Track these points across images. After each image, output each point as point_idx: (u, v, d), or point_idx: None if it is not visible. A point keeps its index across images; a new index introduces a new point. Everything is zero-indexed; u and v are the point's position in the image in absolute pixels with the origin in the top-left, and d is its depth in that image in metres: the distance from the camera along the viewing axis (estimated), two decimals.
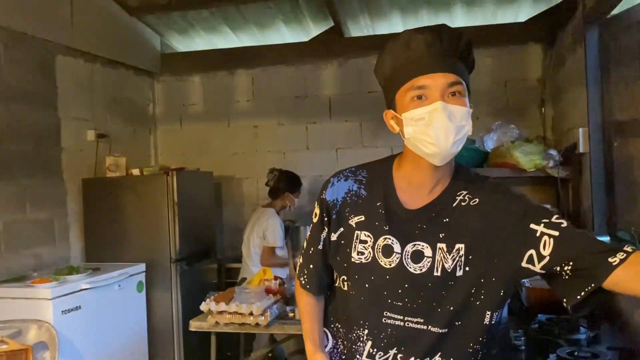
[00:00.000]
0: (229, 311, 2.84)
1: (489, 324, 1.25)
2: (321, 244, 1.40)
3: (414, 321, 1.25)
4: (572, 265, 1.11)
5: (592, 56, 2.85)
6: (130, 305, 3.59)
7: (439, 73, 1.17)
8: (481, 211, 1.24)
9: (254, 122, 4.87)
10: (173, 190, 3.78)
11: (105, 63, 4.35)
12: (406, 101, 1.20)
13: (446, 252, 1.23)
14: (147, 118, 4.98)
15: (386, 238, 1.27)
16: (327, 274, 1.44)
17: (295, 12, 4.57)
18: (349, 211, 1.34)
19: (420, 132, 1.18)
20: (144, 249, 3.79)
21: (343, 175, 1.40)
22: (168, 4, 4.47)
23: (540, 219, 1.17)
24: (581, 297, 1.09)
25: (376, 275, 1.28)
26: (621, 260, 1.05)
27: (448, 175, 1.29)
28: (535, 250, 1.16)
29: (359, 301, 1.31)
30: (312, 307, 1.50)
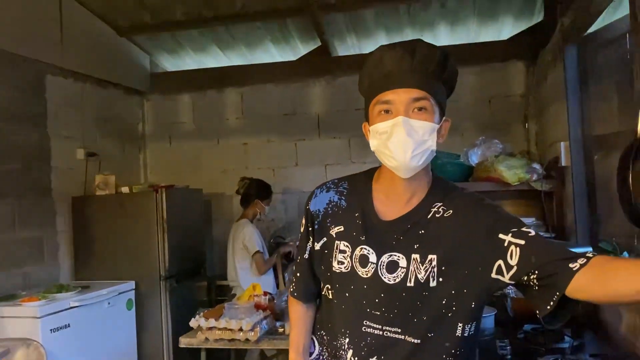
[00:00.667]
0: (219, 327, 2.85)
1: (461, 336, 1.25)
2: (307, 253, 1.45)
3: (392, 330, 1.27)
4: (537, 273, 1.11)
5: (572, 72, 2.93)
6: (119, 323, 3.58)
7: (404, 88, 1.21)
8: (454, 222, 1.26)
9: (243, 140, 4.91)
10: (162, 207, 3.80)
11: (95, 82, 4.39)
12: (374, 115, 1.25)
13: (419, 263, 1.25)
14: (136, 136, 5.01)
15: (362, 248, 1.30)
16: (314, 282, 1.47)
17: (283, 32, 4.66)
18: (330, 221, 1.38)
19: (382, 145, 1.23)
20: (134, 266, 3.80)
21: (325, 187, 1.44)
22: (157, 24, 4.54)
23: (509, 229, 1.19)
24: (551, 308, 1.09)
25: (355, 284, 1.31)
26: (581, 265, 1.05)
27: (424, 187, 1.32)
28: (503, 260, 1.17)
29: (340, 310, 1.34)
30: (300, 315, 1.53)
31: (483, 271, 1.21)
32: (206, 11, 4.37)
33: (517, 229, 1.18)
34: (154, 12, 4.40)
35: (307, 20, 4.39)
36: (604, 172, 2.76)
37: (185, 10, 4.38)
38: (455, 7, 4.26)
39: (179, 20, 4.49)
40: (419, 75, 1.22)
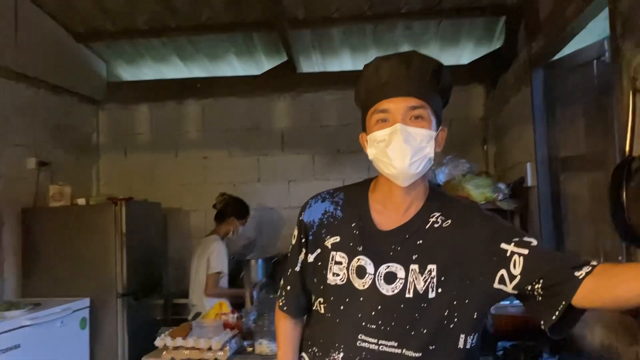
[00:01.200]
0: (186, 346, 2.71)
1: (463, 347, 1.23)
2: (298, 266, 1.41)
3: (387, 345, 1.23)
4: (542, 282, 1.11)
5: (538, 96, 3.05)
6: (72, 344, 3.36)
7: (401, 97, 1.22)
8: (453, 232, 1.26)
9: (203, 153, 4.79)
10: (121, 220, 3.63)
11: (49, 89, 4.17)
12: (372, 124, 1.26)
13: (418, 274, 1.23)
14: (90, 147, 4.79)
15: (360, 259, 1.28)
16: (305, 296, 1.43)
17: (248, 45, 4.62)
18: (325, 232, 1.35)
19: (380, 153, 1.23)
20: (88, 282, 3.59)
21: (320, 197, 1.42)
22: (117, 31, 4.40)
23: (511, 238, 1.19)
24: (556, 317, 1.09)
25: (350, 297, 1.28)
26: (587, 273, 1.06)
27: (421, 197, 1.31)
28: (506, 270, 1.17)
29: (334, 323, 1.30)
30: (288, 333, 1.49)
31: (485, 281, 1.21)
32: (170, 21, 4.28)
33: (519, 239, 1.19)
34: (115, 19, 4.25)
35: (274, 34, 4.37)
36: (569, 193, 2.87)
37: (148, 18, 4.26)
38: (419, 31, 4.37)
39: (141, 28, 4.36)
40: (415, 84, 1.23)
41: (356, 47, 4.61)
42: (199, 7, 4.12)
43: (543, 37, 2.94)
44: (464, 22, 4.24)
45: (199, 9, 4.14)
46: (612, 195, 1.60)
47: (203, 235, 4.72)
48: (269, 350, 2.73)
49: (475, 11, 4.03)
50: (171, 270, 4.69)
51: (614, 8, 1.95)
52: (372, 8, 4.08)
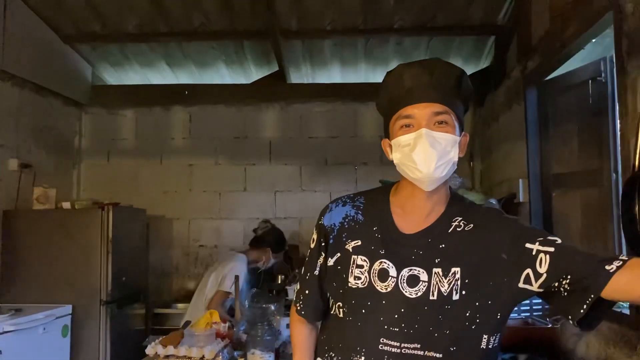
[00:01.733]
0: (178, 355, 2.65)
1: (485, 348, 1.23)
2: (317, 270, 1.40)
3: (410, 347, 1.22)
4: (570, 278, 1.11)
5: (532, 113, 3.12)
6: (54, 351, 3.23)
7: (425, 103, 1.23)
8: (476, 236, 1.26)
9: (189, 161, 4.73)
10: (108, 226, 3.53)
11: (34, 89, 4.07)
12: (396, 129, 1.27)
13: (442, 276, 1.24)
14: (72, 150, 4.68)
15: (382, 262, 1.27)
16: (323, 300, 1.42)
17: (238, 54, 4.61)
18: (346, 236, 1.35)
19: (405, 157, 1.23)
20: (71, 289, 3.47)
21: (341, 201, 1.41)
22: (106, 34, 4.34)
23: (535, 238, 1.20)
24: (584, 310, 1.09)
25: (372, 300, 1.27)
26: (618, 267, 1.06)
27: (443, 202, 1.32)
28: (531, 269, 1.17)
29: (355, 327, 1.29)
30: (304, 338, 1.48)
31: (510, 282, 1.21)
32: (161, 25, 4.24)
33: (543, 238, 1.19)
34: (105, 22, 4.20)
35: (265, 44, 4.38)
36: (562, 209, 2.93)
37: (139, 22, 4.22)
38: (410, 47, 4.44)
39: (131, 32, 4.31)
40: (438, 91, 1.24)
41: (346, 60, 4.65)
42: (192, 13, 4.10)
43: (538, 57, 3.02)
44: (454, 40, 4.33)
45: (191, 15, 4.13)
46: (624, 207, 1.64)
47: (186, 244, 4.67)
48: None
49: (466, 30, 4.13)
50: (152, 279, 4.58)
51: (620, 27, 2.01)
52: (365, 22, 4.13)
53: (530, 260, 1.18)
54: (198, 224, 4.69)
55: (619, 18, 2.03)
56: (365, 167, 4.60)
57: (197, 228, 4.69)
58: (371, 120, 4.65)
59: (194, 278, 4.67)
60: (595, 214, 2.63)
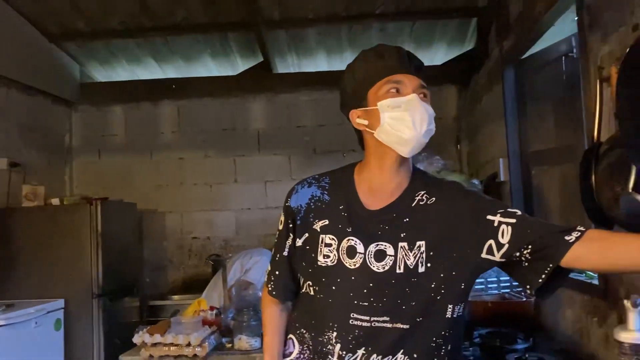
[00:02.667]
0: (165, 343, 2.69)
1: (450, 317, 1.28)
2: (286, 251, 1.43)
3: (380, 320, 1.26)
4: (530, 248, 1.16)
5: (510, 93, 3.13)
6: (46, 345, 3.29)
7: (413, 75, 1.28)
8: (438, 209, 1.30)
9: (179, 154, 4.77)
10: (97, 220, 3.58)
11: (21, 89, 4.11)
12: (382, 93, 1.28)
13: (408, 250, 1.27)
14: (63, 148, 4.73)
15: (349, 239, 1.30)
16: (293, 280, 1.45)
17: (224, 46, 4.62)
18: (313, 216, 1.37)
19: (397, 117, 1.25)
20: (63, 283, 3.52)
21: (307, 182, 1.44)
22: (91, 32, 4.36)
23: (496, 210, 1.25)
24: (543, 280, 1.16)
25: (342, 277, 1.30)
26: (577, 237, 1.13)
27: (407, 178, 1.35)
28: (494, 240, 1.22)
29: (326, 304, 1.32)
30: (276, 318, 1.50)
31: (472, 252, 1.25)
32: (145, 21, 4.26)
33: (504, 210, 1.24)
34: (89, 20, 4.22)
35: (250, 35, 4.39)
36: (541, 186, 2.95)
37: (123, 19, 4.24)
38: (393, 32, 4.44)
39: (115, 29, 4.33)
40: (420, 70, 1.31)
41: (332, 49, 4.66)
42: (175, 7, 4.12)
43: (514, 36, 3.03)
44: (437, 24, 4.32)
45: (174, 9, 4.14)
46: (582, 179, 1.66)
47: (179, 236, 4.72)
48: (248, 345, 2.73)
49: (448, 13, 4.13)
50: (146, 271, 4.64)
51: (581, 2, 2.03)
52: (347, 9, 4.14)
53: (492, 232, 1.23)
54: (190, 216, 4.74)
55: None
56: (353, 154, 4.60)
57: (190, 220, 4.74)
58: None
59: (188, 270, 4.73)
60: (573, 189, 2.64)
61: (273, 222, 4.53)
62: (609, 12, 1.83)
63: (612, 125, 1.72)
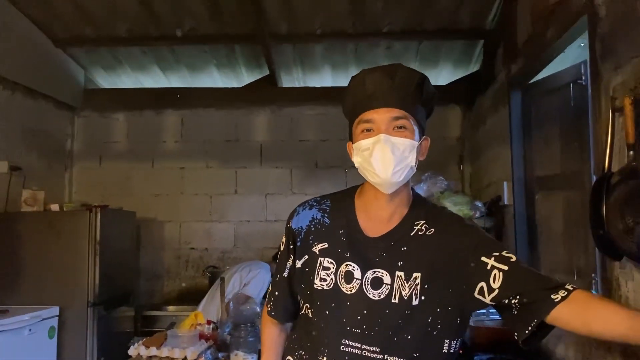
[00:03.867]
0: (161, 356, 2.66)
1: (447, 352, 1.27)
2: (286, 272, 1.43)
3: (370, 350, 1.25)
4: (519, 298, 1.17)
5: (516, 116, 3.13)
6: (39, 353, 3.24)
7: (385, 108, 1.26)
8: (437, 242, 1.30)
9: (180, 164, 4.75)
10: (95, 228, 3.55)
11: (25, 92, 4.09)
12: (357, 133, 1.30)
13: (404, 280, 1.27)
14: (63, 153, 4.70)
15: (348, 264, 1.30)
16: (293, 301, 1.45)
17: (229, 58, 4.63)
18: (313, 239, 1.37)
19: (365, 161, 1.27)
20: (58, 291, 3.48)
21: (308, 205, 1.44)
22: (98, 38, 4.36)
23: (492, 252, 1.24)
24: (529, 332, 1.16)
25: (337, 301, 1.30)
26: (562, 297, 1.13)
27: (405, 204, 1.35)
28: (485, 282, 1.22)
29: (319, 327, 1.32)
30: (273, 339, 1.51)
31: (466, 290, 1.25)
32: (153, 30, 4.26)
33: (499, 254, 1.24)
34: (96, 26, 4.22)
35: (256, 48, 4.40)
36: (545, 211, 2.94)
37: (130, 26, 4.24)
38: (400, 51, 4.46)
39: (122, 36, 4.33)
40: (399, 96, 1.27)
41: (337, 64, 4.67)
42: (182, 17, 4.13)
43: (521, 60, 3.04)
44: (443, 44, 4.34)
45: (181, 19, 4.15)
46: (593, 208, 1.65)
47: (177, 246, 4.69)
48: None
49: (455, 34, 4.14)
50: (142, 281, 4.60)
51: (594, 31, 2.03)
52: (354, 26, 4.15)
53: (484, 274, 1.23)
54: (189, 226, 4.71)
55: (593, 21, 2.05)
56: (355, 170, 4.51)
57: (189, 231, 4.71)
58: None
59: (184, 280, 4.69)
60: (577, 216, 2.64)
61: (272, 235, 4.52)
62: (623, 42, 1.83)
63: (623, 155, 1.71)
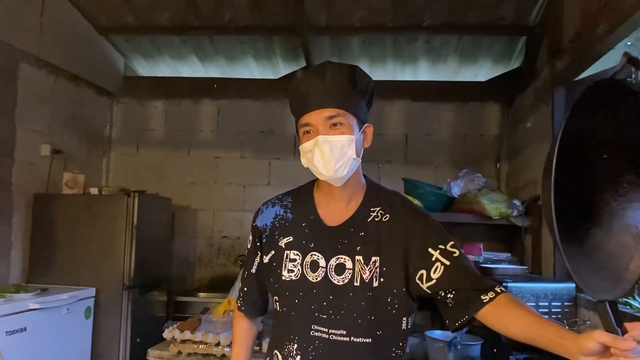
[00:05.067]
0: (195, 340, 2.70)
1: (405, 328, 1.38)
2: (254, 268, 1.53)
3: (337, 333, 1.34)
4: (453, 294, 1.31)
5: (560, 115, 3.06)
6: (76, 332, 3.32)
7: (319, 110, 1.34)
8: (392, 227, 1.40)
9: (215, 153, 4.80)
10: (133, 212, 3.61)
11: (68, 78, 4.18)
12: (301, 135, 1.40)
13: (364, 264, 1.36)
14: (102, 139, 4.80)
15: (312, 254, 1.40)
16: (261, 296, 1.56)
17: (267, 49, 4.64)
18: (278, 234, 1.47)
19: (309, 162, 1.37)
20: (95, 273, 3.55)
21: (271, 203, 1.56)
22: (140, 27, 4.42)
23: (437, 245, 1.36)
24: (459, 325, 1.33)
25: (304, 290, 1.38)
26: (490, 299, 1.27)
27: (360, 190, 1.46)
28: (426, 271, 1.34)
29: (289, 317, 1.40)
30: (244, 332, 1.61)
31: (412, 274, 1.37)
32: (193, 20, 4.31)
33: (444, 247, 1.35)
34: (138, 14, 4.29)
35: (294, 39, 4.40)
36: None
37: (172, 16, 4.29)
38: (439, 45, 4.41)
39: (163, 25, 4.39)
40: (330, 95, 1.35)
41: (375, 58, 4.64)
42: (222, 8, 4.16)
43: (567, 57, 2.97)
44: (484, 40, 4.27)
45: (222, 10, 4.18)
46: None
47: (210, 234, 4.74)
48: None
49: (497, 29, 4.07)
50: (175, 267, 4.67)
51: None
52: (394, 19, 4.12)
53: (427, 264, 1.35)
54: (222, 215, 4.76)
55: None
56: (389, 165, 4.58)
57: (221, 219, 4.75)
58: (397, 118, 4.63)
59: (216, 268, 4.74)
60: None
61: None
62: None
63: None
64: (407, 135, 4.61)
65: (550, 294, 2.58)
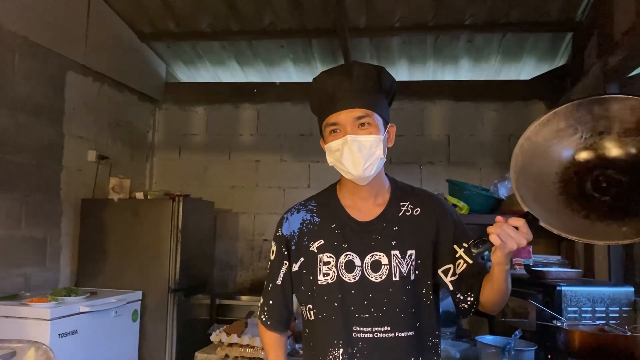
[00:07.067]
0: (241, 344, 2.69)
1: (437, 320, 1.43)
2: (280, 279, 1.50)
3: (381, 330, 1.34)
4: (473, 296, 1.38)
5: None
6: (124, 335, 3.37)
7: (346, 110, 1.34)
8: (423, 221, 1.43)
9: (255, 157, 4.82)
10: (178, 216, 3.65)
11: (113, 85, 4.27)
12: (326, 134, 1.40)
13: (400, 258, 1.38)
14: (145, 144, 4.88)
15: (347, 254, 1.39)
16: (288, 309, 1.52)
17: (306, 52, 4.64)
18: (307, 239, 1.45)
19: (337, 161, 1.38)
20: (141, 276, 3.60)
21: (295, 209, 1.52)
22: (180, 33, 4.48)
23: (462, 243, 1.41)
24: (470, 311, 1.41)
25: (342, 292, 1.37)
26: None
27: (384, 188, 1.47)
28: (453, 265, 1.40)
29: (330, 322, 1.38)
30: (275, 340, 1.55)
31: (438, 266, 1.42)
32: (233, 24, 4.34)
33: (468, 246, 1.35)
34: (179, 21, 4.34)
35: (332, 42, 4.39)
36: None
37: (212, 21, 4.33)
38: (481, 44, 4.32)
39: (203, 31, 4.44)
40: (358, 95, 1.35)
41: (414, 58, 4.59)
42: (263, 12, 4.17)
43: (621, 52, 2.86)
44: (528, 37, 4.17)
45: (262, 14, 4.19)
46: None
47: (251, 238, 4.76)
48: None
49: (542, 26, 3.96)
50: (217, 271, 4.70)
51: None
52: (435, 18, 4.05)
53: (453, 259, 1.40)
54: (262, 218, 4.77)
55: None
56: (431, 166, 4.52)
57: (262, 223, 4.77)
58: (438, 119, 4.56)
59: (257, 271, 4.75)
60: None
61: None
62: None
63: None
64: (449, 136, 4.53)
65: (607, 298, 2.48)
